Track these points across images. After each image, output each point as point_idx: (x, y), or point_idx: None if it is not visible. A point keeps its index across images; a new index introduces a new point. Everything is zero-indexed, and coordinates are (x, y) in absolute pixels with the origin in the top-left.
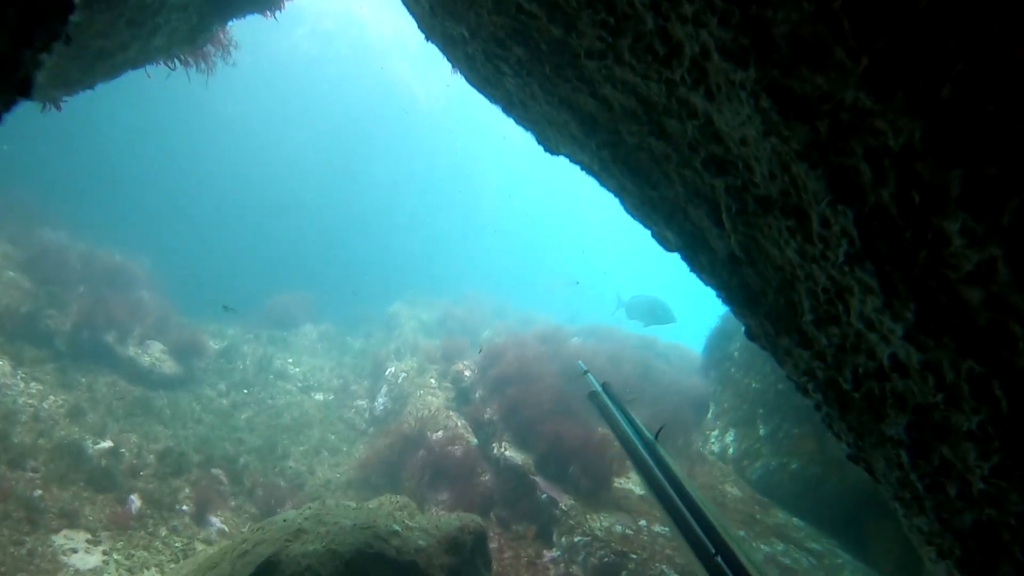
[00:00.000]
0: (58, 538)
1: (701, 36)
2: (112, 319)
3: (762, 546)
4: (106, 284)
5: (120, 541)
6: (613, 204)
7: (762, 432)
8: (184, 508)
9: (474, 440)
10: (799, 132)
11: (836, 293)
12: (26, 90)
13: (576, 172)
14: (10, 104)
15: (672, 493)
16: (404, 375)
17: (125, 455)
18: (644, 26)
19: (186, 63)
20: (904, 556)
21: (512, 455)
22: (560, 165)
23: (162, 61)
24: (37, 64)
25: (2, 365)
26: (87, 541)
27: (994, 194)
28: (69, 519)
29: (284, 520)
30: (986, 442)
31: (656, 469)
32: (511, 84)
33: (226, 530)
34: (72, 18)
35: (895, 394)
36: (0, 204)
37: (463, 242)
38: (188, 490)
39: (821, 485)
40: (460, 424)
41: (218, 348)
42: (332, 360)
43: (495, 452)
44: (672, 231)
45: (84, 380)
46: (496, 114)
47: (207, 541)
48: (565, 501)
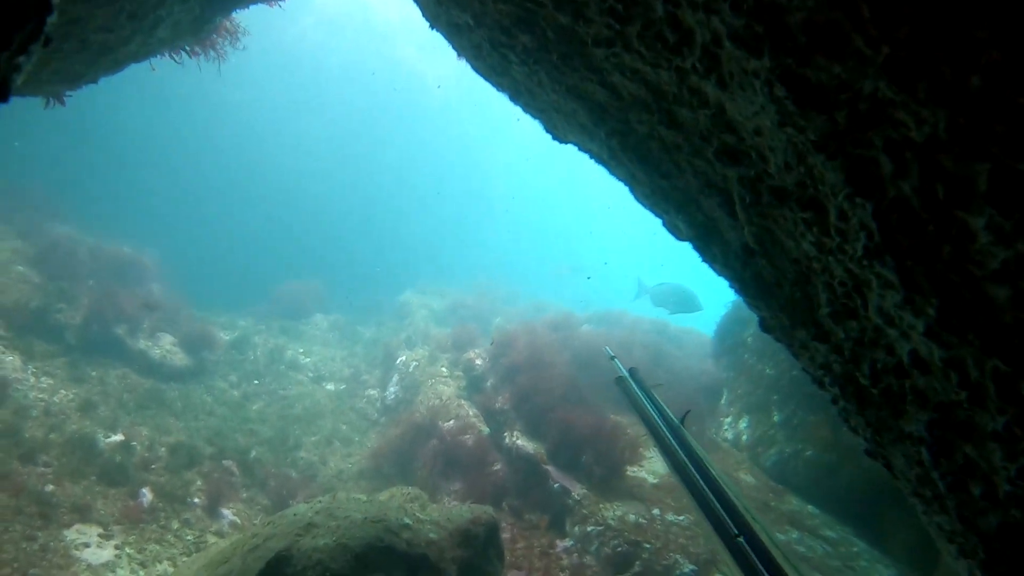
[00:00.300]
0: (70, 533)
1: (712, 23)
2: (122, 312)
3: (777, 534)
4: (116, 277)
5: (132, 535)
6: (622, 191)
7: (776, 419)
8: (196, 501)
9: (486, 429)
10: (816, 122)
11: (854, 287)
12: (3, 95)
13: (586, 159)
14: None
15: (697, 476)
16: (415, 364)
17: (137, 448)
18: (653, 13)
19: (194, 53)
20: (919, 544)
21: (524, 444)
22: (570, 152)
23: (167, 53)
24: (15, 68)
25: (13, 360)
26: (99, 535)
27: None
28: (81, 513)
29: (294, 514)
30: (1013, 443)
31: (681, 453)
32: (518, 73)
33: (238, 522)
34: (50, 19)
35: (916, 391)
36: (10, 200)
37: (473, 230)
38: (200, 482)
39: (836, 473)
40: (472, 413)
41: (229, 339)
42: (343, 350)
43: (507, 441)
44: (683, 221)
45: (95, 374)
46: (505, 99)
47: (219, 534)
48: (578, 490)
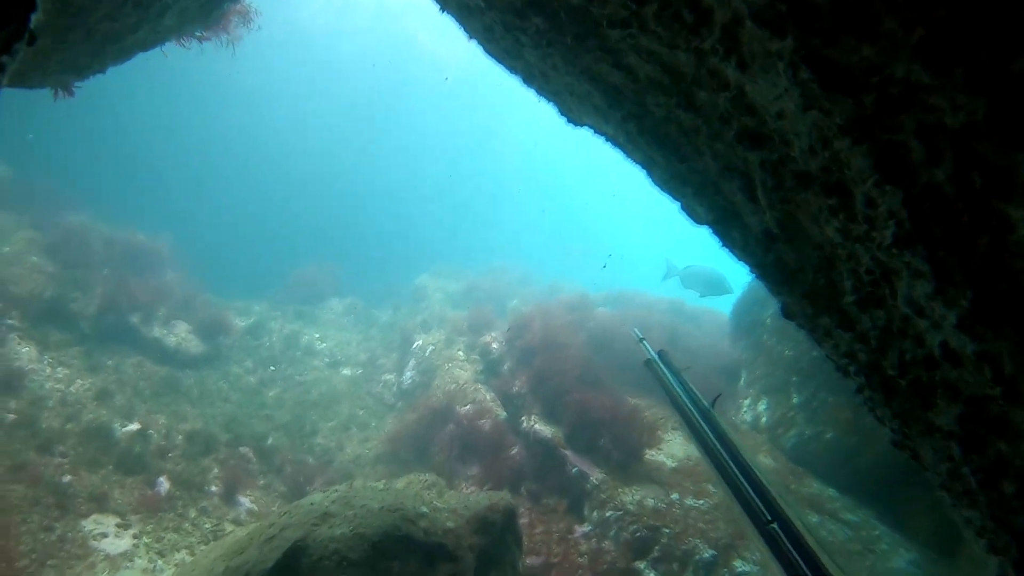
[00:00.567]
0: (88, 523)
1: (733, 2)
2: (136, 300)
3: (810, 519)
4: (130, 265)
5: (150, 524)
6: (636, 173)
7: (796, 400)
8: (213, 489)
9: (503, 413)
10: (842, 106)
11: (881, 275)
12: None
13: (601, 141)
14: None
15: (729, 461)
16: (431, 348)
17: (153, 437)
18: None
19: (203, 39)
20: (941, 528)
21: (541, 428)
22: (585, 133)
23: (175, 41)
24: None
25: (28, 351)
26: (117, 525)
27: None
28: (99, 503)
29: (311, 503)
30: None
31: (712, 437)
32: (531, 55)
33: (255, 509)
34: (34, 16)
35: (946, 383)
36: (23, 190)
37: (489, 212)
38: (217, 470)
39: (857, 455)
40: (488, 397)
41: (244, 325)
42: (359, 334)
43: (524, 425)
44: (702, 205)
45: (110, 362)
46: (518, 82)
47: (236, 521)
48: (596, 474)
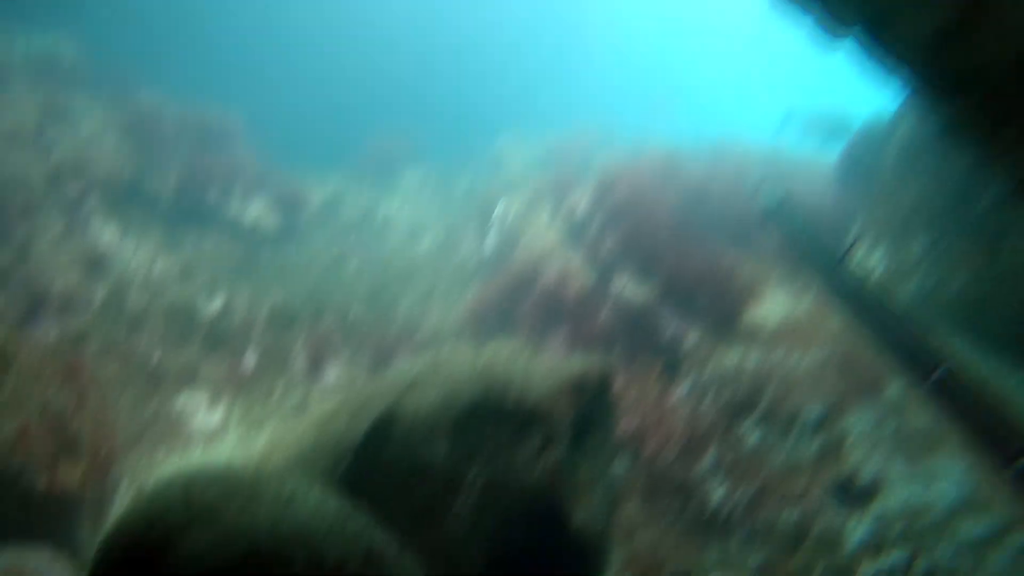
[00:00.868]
0: (179, 398)
1: None
2: (213, 177)
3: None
4: (203, 142)
5: (239, 398)
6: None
7: (917, 248)
8: (298, 362)
9: (591, 277)
10: None
11: None
12: None
13: None
14: None
15: (871, 309)
16: (513, 213)
17: (237, 312)
18: None
19: None
20: None
21: (632, 290)
22: None
23: None
24: None
25: (112, 231)
26: (207, 400)
27: None
28: (188, 379)
29: (398, 372)
30: None
31: (850, 286)
32: None
33: (341, 381)
34: None
35: None
36: (96, 70)
37: (570, 70)
38: (301, 343)
39: (990, 302)
40: (575, 261)
41: (321, 199)
42: (438, 202)
43: (614, 288)
44: (848, 9)
45: (191, 241)
46: None
47: (323, 393)
48: (692, 335)
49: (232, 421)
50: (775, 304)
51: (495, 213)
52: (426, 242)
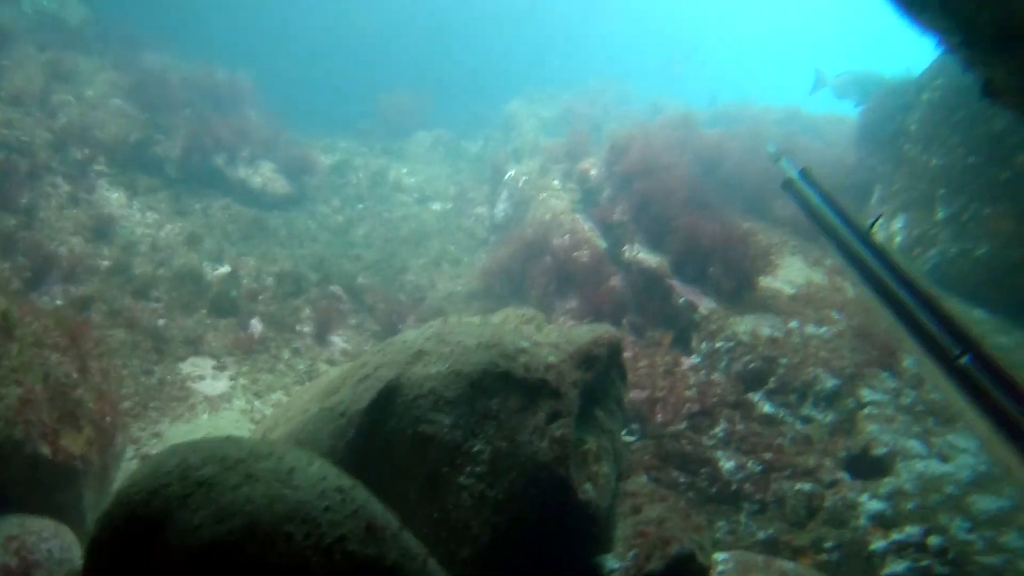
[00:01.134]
0: (185, 365)
1: None
2: (220, 141)
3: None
4: (210, 105)
5: (245, 365)
6: None
7: (941, 215)
8: (305, 329)
9: (603, 243)
10: None
11: None
12: None
13: None
14: None
15: (896, 288)
16: (525, 178)
17: (244, 279)
18: None
19: None
20: None
21: (645, 257)
22: None
23: None
24: None
25: (118, 196)
26: (213, 367)
27: None
28: (194, 346)
29: (404, 341)
30: None
31: (875, 263)
32: None
33: (349, 348)
34: None
35: None
36: (102, 31)
37: (584, 28)
38: (308, 310)
39: (1017, 270)
40: (587, 227)
41: (330, 163)
42: (448, 167)
43: (626, 255)
44: None
45: (198, 206)
46: None
47: (330, 361)
48: (704, 304)
49: (238, 389)
50: (791, 272)
51: (506, 177)
52: (436, 207)
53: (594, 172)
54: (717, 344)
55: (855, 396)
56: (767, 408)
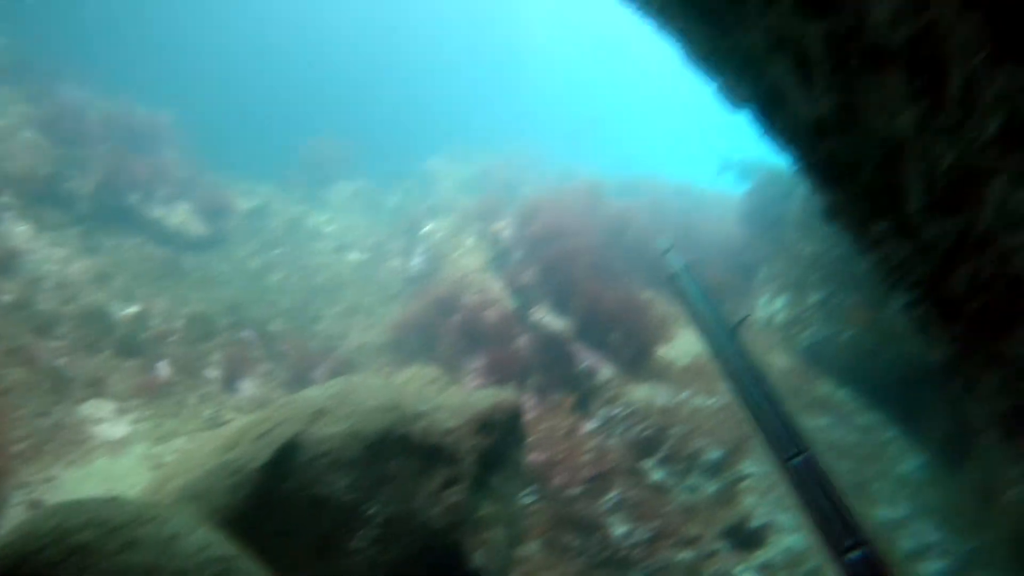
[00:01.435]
0: (85, 407)
1: None
2: (136, 179)
3: (808, 420)
4: (129, 142)
5: (148, 410)
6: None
7: (814, 299)
8: (214, 374)
9: (511, 304)
10: None
11: (965, 178)
12: None
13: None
14: None
15: (753, 387)
16: (440, 234)
17: (153, 320)
18: None
19: None
20: (951, 429)
21: (551, 321)
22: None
23: None
24: None
25: (25, 230)
26: (115, 410)
27: None
28: (96, 388)
29: (306, 399)
30: None
31: (737, 361)
32: None
33: (257, 395)
34: None
35: None
36: (17, 59)
37: (505, 93)
38: (218, 355)
39: (874, 357)
40: (497, 287)
41: (249, 207)
42: (367, 218)
43: (533, 317)
44: (743, 88)
45: (110, 244)
46: None
47: (237, 408)
48: (605, 370)
49: (140, 433)
50: (685, 343)
51: (423, 232)
52: (353, 257)
53: (507, 233)
54: (615, 410)
55: (736, 468)
56: (658, 476)
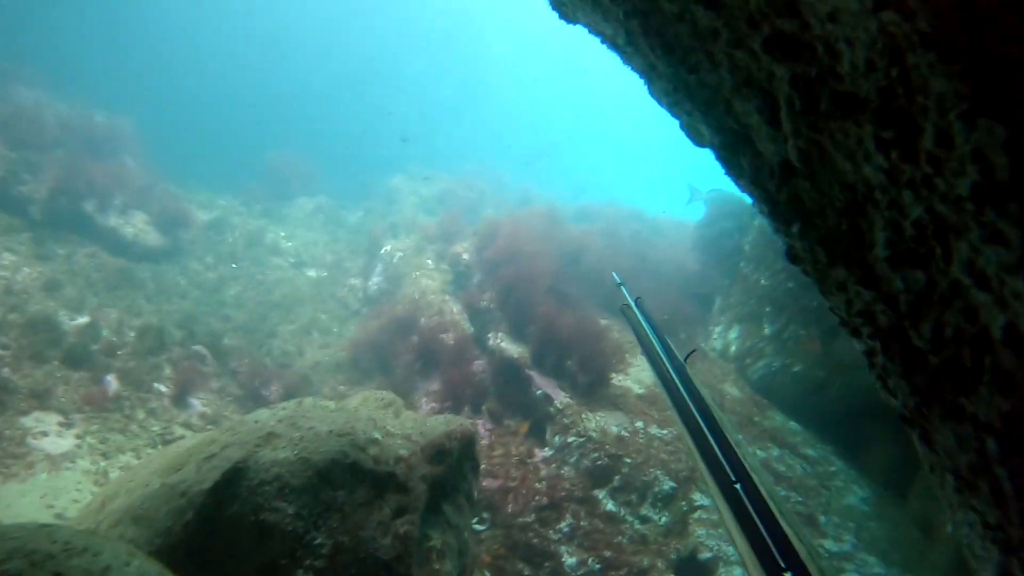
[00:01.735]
0: (28, 420)
1: None
2: (92, 186)
3: (758, 451)
4: (86, 148)
5: (95, 424)
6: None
7: (767, 331)
8: (164, 389)
9: (469, 328)
10: (934, 7)
11: (935, 231)
12: None
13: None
14: None
15: (700, 422)
16: (400, 254)
17: (103, 331)
18: None
19: None
20: (895, 462)
21: (507, 346)
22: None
23: None
24: None
25: None
26: (59, 423)
27: None
28: (41, 400)
29: (255, 421)
30: None
31: (685, 394)
32: None
33: (208, 412)
34: None
35: (1000, 371)
36: None
37: (469, 115)
38: (169, 370)
39: (823, 389)
40: (455, 310)
41: (207, 219)
42: (327, 235)
43: (491, 342)
44: (708, 125)
45: (61, 251)
46: None
47: (187, 425)
48: (561, 398)
49: (84, 448)
50: (640, 372)
51: (383, 251)
52: (311, 274)
53: (466, 256)
54: (569, 439)
55: (687, 499)
56: (610, 506)
